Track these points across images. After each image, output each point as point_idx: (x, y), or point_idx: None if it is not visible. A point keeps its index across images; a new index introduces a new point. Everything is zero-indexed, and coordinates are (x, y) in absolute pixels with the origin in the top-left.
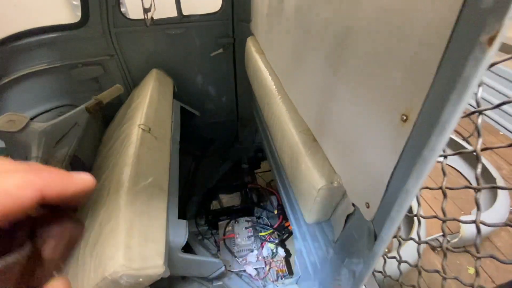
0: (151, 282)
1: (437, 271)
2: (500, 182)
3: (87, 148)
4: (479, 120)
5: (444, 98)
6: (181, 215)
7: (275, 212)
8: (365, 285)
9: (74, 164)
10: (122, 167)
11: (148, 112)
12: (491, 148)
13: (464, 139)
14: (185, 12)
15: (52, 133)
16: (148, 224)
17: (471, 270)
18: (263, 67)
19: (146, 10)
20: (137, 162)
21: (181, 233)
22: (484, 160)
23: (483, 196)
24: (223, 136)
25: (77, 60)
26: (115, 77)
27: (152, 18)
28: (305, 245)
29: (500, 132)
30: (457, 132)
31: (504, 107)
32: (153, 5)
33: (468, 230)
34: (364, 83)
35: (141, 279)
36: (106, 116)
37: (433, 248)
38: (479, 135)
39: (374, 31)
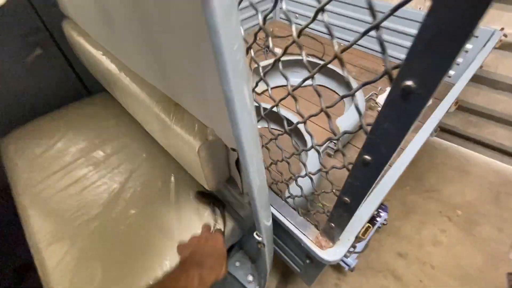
0: None
1: (345, 167)
2: (353, 82)
3: None
4: (325, 18)
5: None
6: None
7: None
8: (282, 214)
9: None
10: None
11: None
12: (347, 48)
13: (320, 58)
14: None
15: None
16: None
17: None
18: (93, 49)
19: None
20: None
21: None
22: (339, 70)
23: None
24: None
25: None
26: None
27: None
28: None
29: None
30: (313, 55)
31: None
32: None
33: (343, 126)
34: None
35: None
36: None
37: (329, 155)
38: (331, 36)
39: None
